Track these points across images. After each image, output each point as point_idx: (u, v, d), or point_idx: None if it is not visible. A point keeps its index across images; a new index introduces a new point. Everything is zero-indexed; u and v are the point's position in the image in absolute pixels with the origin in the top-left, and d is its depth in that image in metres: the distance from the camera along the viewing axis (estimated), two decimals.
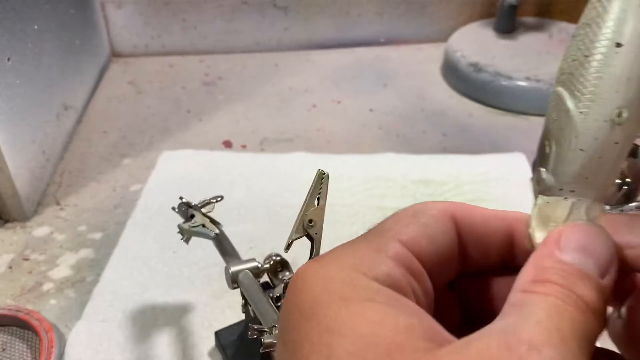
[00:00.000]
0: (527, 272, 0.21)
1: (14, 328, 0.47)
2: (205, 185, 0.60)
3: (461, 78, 0.79)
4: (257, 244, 0.53)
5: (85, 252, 0.54)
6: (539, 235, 0.24)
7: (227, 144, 0.70)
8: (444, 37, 0.91)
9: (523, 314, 0.20)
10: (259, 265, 0.40)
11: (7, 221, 0.58)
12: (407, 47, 0.92)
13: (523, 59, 0.78)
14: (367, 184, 0.60)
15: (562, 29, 0.85)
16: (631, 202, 0.29)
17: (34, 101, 0.61)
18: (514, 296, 0.21)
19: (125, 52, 0.91)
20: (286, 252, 0.30)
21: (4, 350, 0.45)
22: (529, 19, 0.88)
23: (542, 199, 0.24)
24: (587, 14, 0.22)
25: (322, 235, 0.53)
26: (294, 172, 0.63)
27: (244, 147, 0.69)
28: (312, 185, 0.30)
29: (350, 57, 0.90)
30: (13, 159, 0.55)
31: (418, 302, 0.22)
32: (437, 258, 0.23)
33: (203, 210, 0.42)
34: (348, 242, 0.22)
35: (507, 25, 0.83)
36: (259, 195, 0.59)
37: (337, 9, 0.89)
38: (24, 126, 0.58)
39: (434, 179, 0.60)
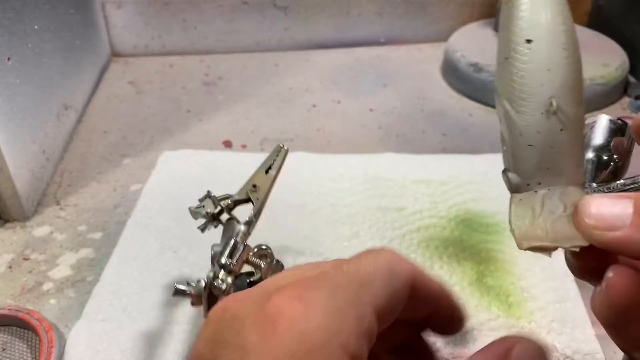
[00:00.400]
0: None
1: (14, 328, 0.47)
2: (205, 185, 0.60)
3: (461, 78, 0.79)
4: (257, 244, 0.53)
5: (86, 252, 0.54)
6: (518, 234, 0.25)
7: (227, 144, 0.70)
8: (443, 37, 0.91)
9: None
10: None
11: (7, 221, 0.58)
12: (407, 47, 0.92)
13: None
14: (367, 184, 0.60)
15: None
16: (618, 180, 0.29)
17: (34, 101, 0.61)
18: None
19: (125, 52, 0.91)
20: (228, 214, 0.31)
21: (4, 350, 0.45)
22: None
23: (515, 197, 0.25)
24: (501, 17, 0.23)
25: (322, 234, 0.53)
26: (293, 172, 0.63)
27: (244, 147, 0.69)
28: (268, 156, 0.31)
29: (350, 57, 0.90)
30: (13, 159, 0.55)
31: None
32: (389, 321, 0.24)
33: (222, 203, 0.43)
34: (330, 285, 0.22)
35: None
36: None
37: (337, 9, 0.89)
38: (24, 126, 0.58)
39: (434, 179, 0.60)
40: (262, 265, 0.28)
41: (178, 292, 0.30)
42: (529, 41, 0.22)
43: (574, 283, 0.48)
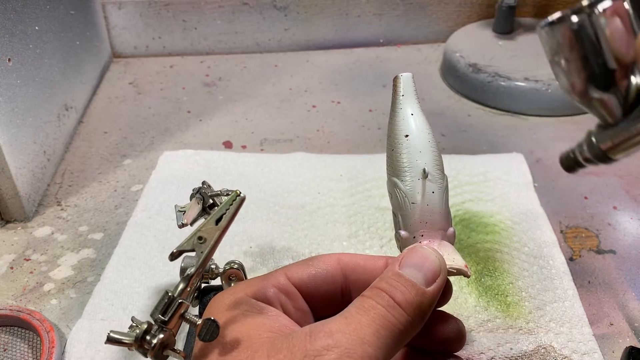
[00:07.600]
0: (374, 282, 0.29)
1: (15, 328, 0.47)
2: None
3: (460, 78, 0.79)
4: (257, 244, 0.54)
5: (86, 252, 0.55)
6: None
7: (228, 145, 0.70)
8: (442, 38, 0.91)
9: (342, 312, 0.27)
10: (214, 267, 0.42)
11: (8, 221, 0.58)
12: (406, 47, 0.92)
13: (521, 59, 0.78)
14: (367, 184, 0.60)
15: None
16: None
17: (35, 102, 0.61)
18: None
19: (125, 53, 0.91)
20: (170, 260, 0.31)
21: (5, 350, 0.45)
22: (528, 20, 0.88)
23: (405, 250, 0.33)
24: (388, 126, 0.35)
25: (322, 234, 0.54)
26: (293, 172, 0.63)
27: (244, 147, 0.70)
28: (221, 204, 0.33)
29: (350, 57, 0.90)
30: (14, 160, 0.56)
31: (287, 311, 0.31)
32: (316, 289, 0.33)
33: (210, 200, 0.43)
34: (254, 277, 0.33)
35: (506, 26, 0.84)
36: (258, 195, 0.60)
37: (336, 10, 0.90)
38: (25, 127, 0.59)
39: None
40: (198, 323, 0.29)
41: (110, 340, 0.30)
42: (407, 136, 0.34)
43: (572, 282, 0.48)
